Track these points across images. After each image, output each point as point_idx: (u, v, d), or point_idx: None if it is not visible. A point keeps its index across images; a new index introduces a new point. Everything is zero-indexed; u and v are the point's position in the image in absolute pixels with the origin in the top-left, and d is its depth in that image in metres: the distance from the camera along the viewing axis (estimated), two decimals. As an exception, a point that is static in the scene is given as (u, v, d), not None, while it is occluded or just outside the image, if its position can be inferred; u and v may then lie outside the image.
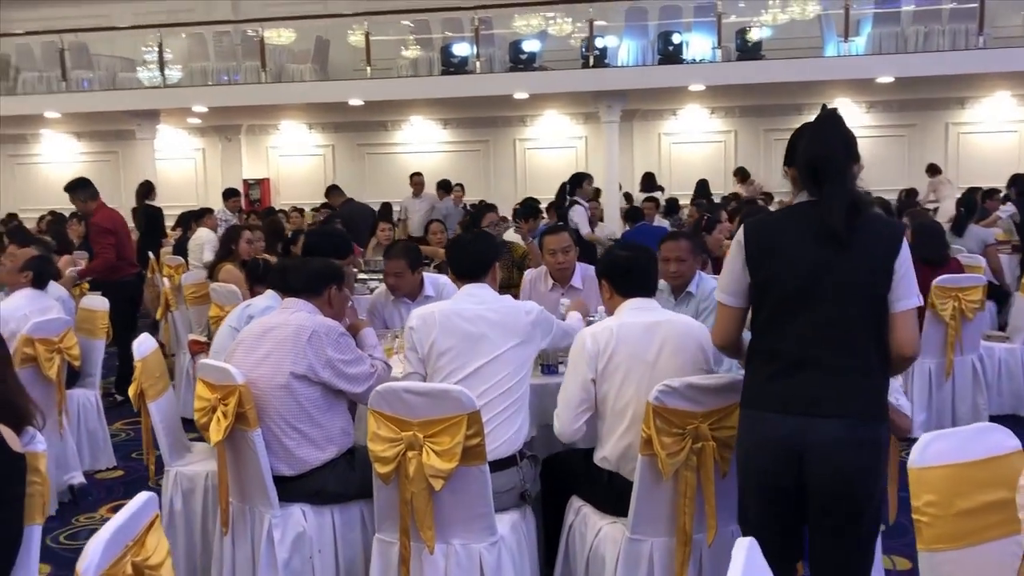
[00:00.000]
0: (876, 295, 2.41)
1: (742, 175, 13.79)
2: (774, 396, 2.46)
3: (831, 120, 2.50)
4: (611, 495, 3.02)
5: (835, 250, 2.41)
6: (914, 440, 2.06)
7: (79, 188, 6.64)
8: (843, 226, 2.38)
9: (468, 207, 11.90)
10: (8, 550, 2.26)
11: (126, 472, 5.25)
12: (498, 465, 3.01)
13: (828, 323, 2.41)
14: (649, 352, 2.99)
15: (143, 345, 3.72)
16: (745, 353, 2.63)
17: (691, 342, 3.04)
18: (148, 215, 9.81)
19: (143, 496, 1.81)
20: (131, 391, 3.70)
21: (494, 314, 3.21)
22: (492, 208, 8.40)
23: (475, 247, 3.46)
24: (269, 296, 4.22)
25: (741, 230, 2.58)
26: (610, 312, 3.25)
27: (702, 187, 13.51)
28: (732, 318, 2.61)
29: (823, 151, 2.46)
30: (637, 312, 3.11)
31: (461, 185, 12.67)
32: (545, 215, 9.41)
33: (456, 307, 3.25)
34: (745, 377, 2.61)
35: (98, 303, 5.37)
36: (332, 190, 10.47)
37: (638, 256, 3.26)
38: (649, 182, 13.24)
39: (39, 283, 5.02)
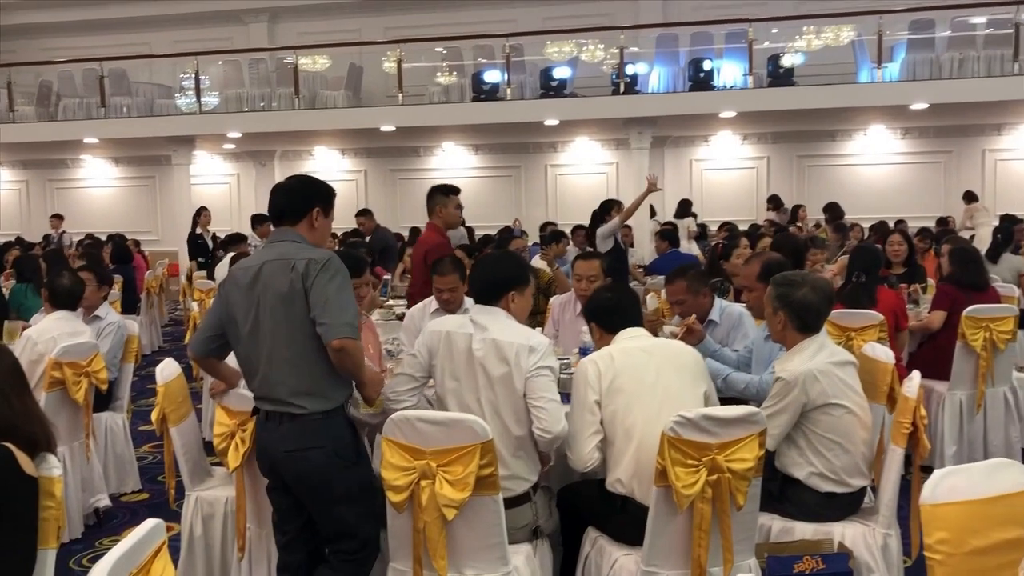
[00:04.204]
0: None
1: (775, 203, 13.71)
2: None
3: None
4: (626, 521, 3.01)
5: None
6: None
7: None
8: None
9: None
10: (22, 572, 2.28)
11: (151, 495, 5.29)
12: (510, 502, 2.96)
13: None
14: (649, 372, 3.08)
15: (166, 370, 3.76)
16: None
17: (688, 361, 3.19)
18: None
19: (150, 523, 1.82)
20: (154, 415, 3.74)
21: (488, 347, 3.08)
22: (516, 235, 8.42)
23: (494, 268, 3.35)
24: None
25: None
26: None
27: (684, 207, 13.41)
28: None
29: None
30: (631, 340, 3.24)
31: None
32: (571, 241, 9.44)
33: (452, 330, 3.18)
34: None
35: (129, 326, 5.44)
36: (363, 213, 10.44)
37: (620, 296, 3.45)
38: (683, 208, 13.20)
39: (68, 305, 5.01)
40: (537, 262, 7.56)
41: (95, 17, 16.85)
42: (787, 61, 12.73)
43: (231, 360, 3.23)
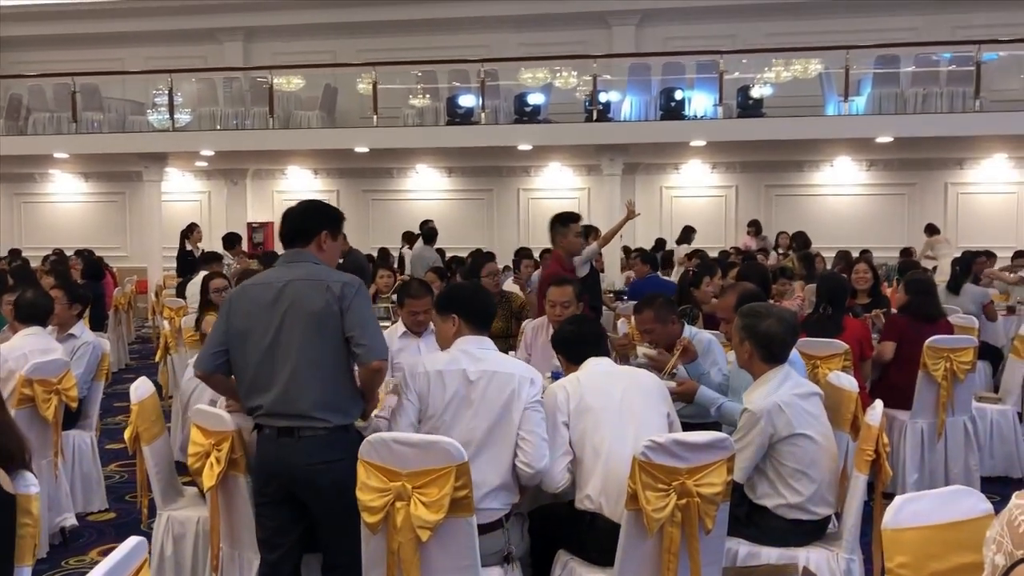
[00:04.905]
0: None
1: (756, 228, 13.91)
2: None
3: None
4: (595, 540, 3.07)
5: None
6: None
7: None
8: None
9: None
10: (-4, 591, 2.28)
11: (118, 515, 5.25)
12: (482, 528, 2.98)
13: None
14: (614, 394, 3.24)
15: (140, 389, 3.76)
16: None
17: (650, 384, 3.36)
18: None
19: (132, 540, 1.85)
20: (127, 434, 3.74)
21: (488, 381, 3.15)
22: (491, 257, 8.48)
23: (486, 297, 3.51)
24: None
25: None
26: None
27: (687, 233, 13.50)
28: None
29: None
30: (595, 366, 3.41)
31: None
32: (540, 265, 9.53)
33: (453, 367, 3.20)
34: None
35: (102, 345, 5.42)
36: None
37: (583, 328, 3.62)
38: (686, 234, 13.23)
39: (35, 321, 4.98)
40: (509, 286, 7.63)
41: (67, 32, 16.74)
42: (756, 92, 12.96)
43: None
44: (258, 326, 3.08)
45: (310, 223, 3.24)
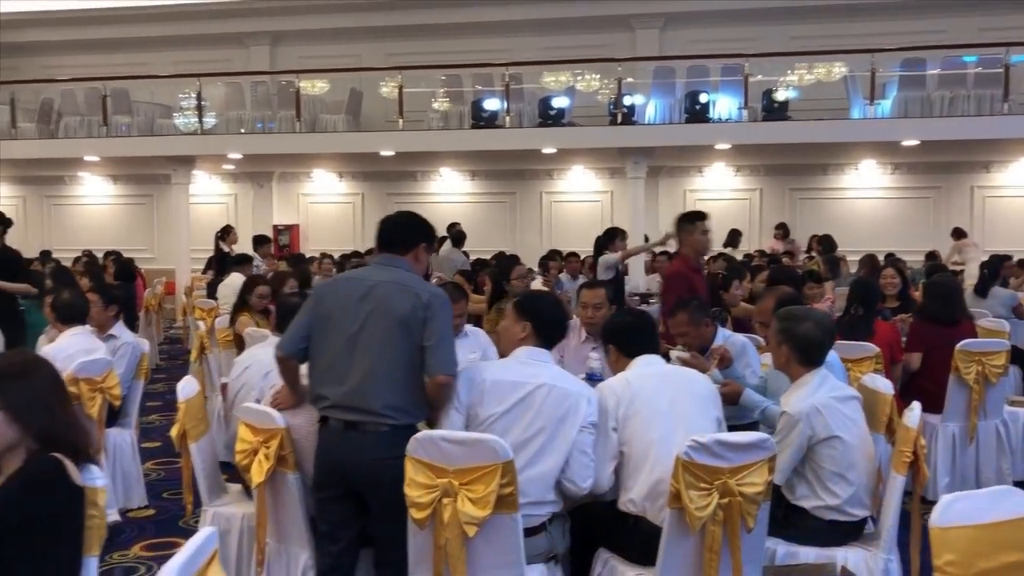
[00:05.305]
0: None
1: (784, 231, 13.87)
2: None
3: None
4: (637, 541, 3.11)
5: None
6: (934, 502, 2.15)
7: None
8: None
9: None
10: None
11: (158, 511, 5.34)
12: (526, 532, 3.00)
13: None
14: (664, 398, 3.23)
15: (186, 387, 3.85)
16: None
17: (701, 389, 3.34)
18: None
19: (205, 532, 1.92)
20: (173, 432, 3.83)
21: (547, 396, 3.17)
22: (516, 260, 8.57)
23: (564, 317, 3.59)
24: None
25: None
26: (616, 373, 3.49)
27: (733, 236, 13.37)
28: None
29: None
30: (646, 366, 3.40)
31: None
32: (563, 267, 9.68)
33: (507, 377, 3.23)
34: None
35: (141, 345, 5.52)
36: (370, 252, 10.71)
37: (638, 320, 3.63)
38: (733, 238, 13.11)
39: (75, 321, 5.09)
40: (538, 287, 7.70)
41: (97, 36, 17.00)
42: (781, 95, 12.95)
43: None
44: (343, 320, 3.18)
45: (413, 233, 3.38)
